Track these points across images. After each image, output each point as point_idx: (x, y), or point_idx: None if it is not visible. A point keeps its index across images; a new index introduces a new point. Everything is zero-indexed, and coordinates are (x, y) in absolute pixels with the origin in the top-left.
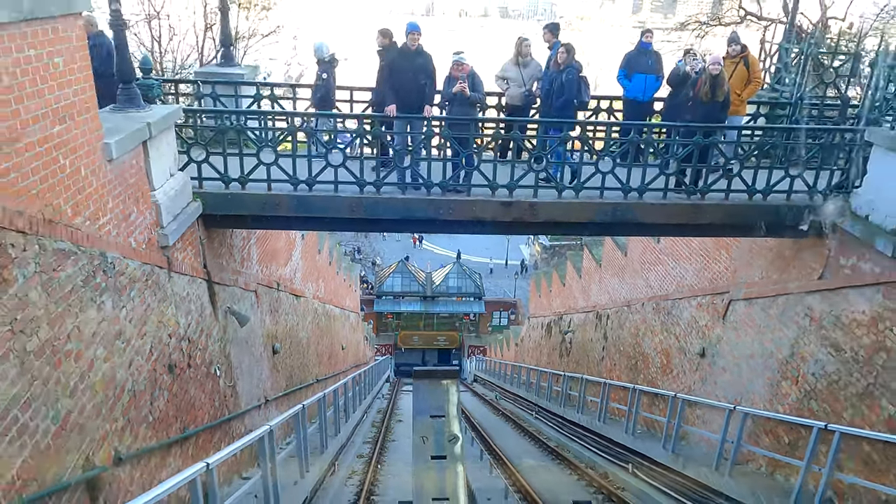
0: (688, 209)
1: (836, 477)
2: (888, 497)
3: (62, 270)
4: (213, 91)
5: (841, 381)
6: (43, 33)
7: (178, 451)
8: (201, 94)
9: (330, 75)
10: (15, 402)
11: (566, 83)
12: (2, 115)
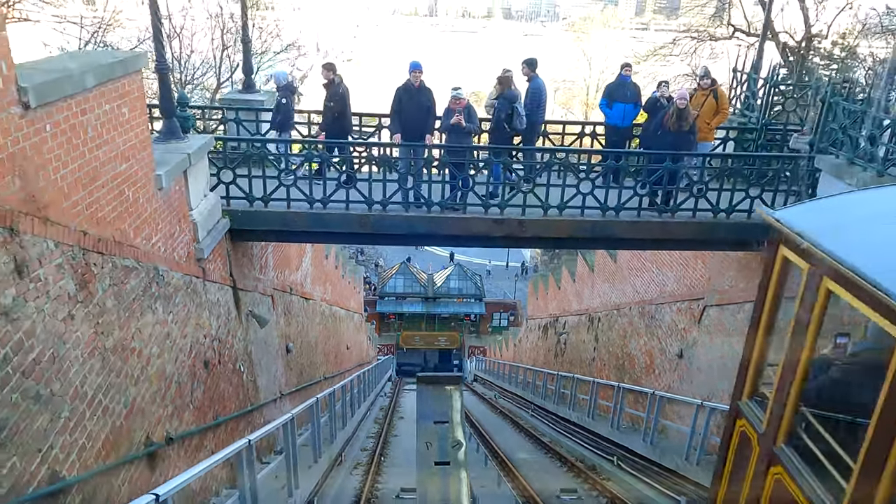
0: (659, 226)
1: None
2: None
3: (127, 283)
4: (236, 116)
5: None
6: (114, 90)
7: (211, 436)
8: (226, 119)
9: (289, 100)
10: (100, 389)
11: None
12: (87, 161)
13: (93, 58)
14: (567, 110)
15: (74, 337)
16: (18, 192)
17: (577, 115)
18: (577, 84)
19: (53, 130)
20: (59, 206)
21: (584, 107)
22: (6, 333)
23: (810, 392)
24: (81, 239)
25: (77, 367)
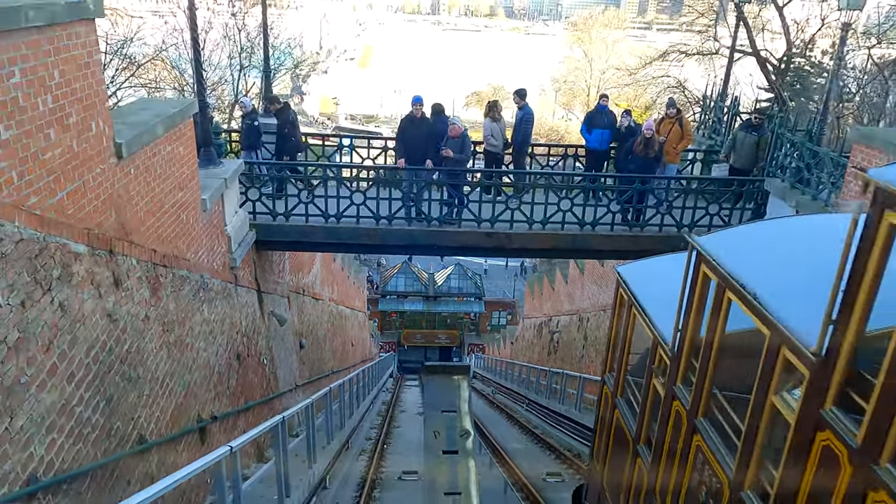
0: (630, 239)
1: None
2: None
3: (183, 289)
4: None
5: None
6: (174, 134)
7: (243, 418)
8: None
9: (256, 123)
10: (167, 375)
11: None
12: (156, 193)
13: (160, 108)
14: (568, 111)
15: (150, 333)
16: (114, 223)
17: (577, 116)
18: (578, 85)
19: (135, 172)
20: (139, 230)
21: (584, 108)
22: (110, 331)
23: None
24: (152, 255)
25: (152, 357)
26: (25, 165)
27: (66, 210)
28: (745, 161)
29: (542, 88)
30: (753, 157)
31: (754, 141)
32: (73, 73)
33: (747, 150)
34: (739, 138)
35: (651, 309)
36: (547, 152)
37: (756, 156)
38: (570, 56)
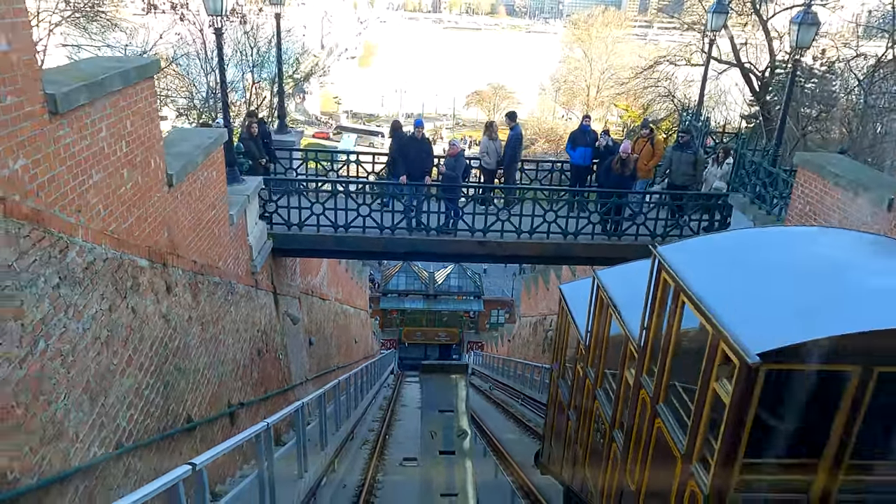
0: (608, 247)
1: None
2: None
3: (216, 293)
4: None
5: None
6: (210, 161)
7: (263, 406)
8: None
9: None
10: (206, 367)
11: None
12: (195, 212)
13: (198, 139)
14: (568, 110)
15: (192, 331)
16: (166, 240)
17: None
18: (578, 84)
19: (181, 197)
20: (183, 245)
21: (584, 108)
22: (165, 330)
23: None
24: (193, 266)
25: (194, 351)
26: (108, 199)
27: (134, 232)
28: (683, 178)
29: (542, 87)
30: (691, 175)
31: (690, 160)
32: (139, 121)
33: (684, 168)
34: (675, 158)
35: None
36: (536, 167)
37: (694, 172)
38: (570, 56)
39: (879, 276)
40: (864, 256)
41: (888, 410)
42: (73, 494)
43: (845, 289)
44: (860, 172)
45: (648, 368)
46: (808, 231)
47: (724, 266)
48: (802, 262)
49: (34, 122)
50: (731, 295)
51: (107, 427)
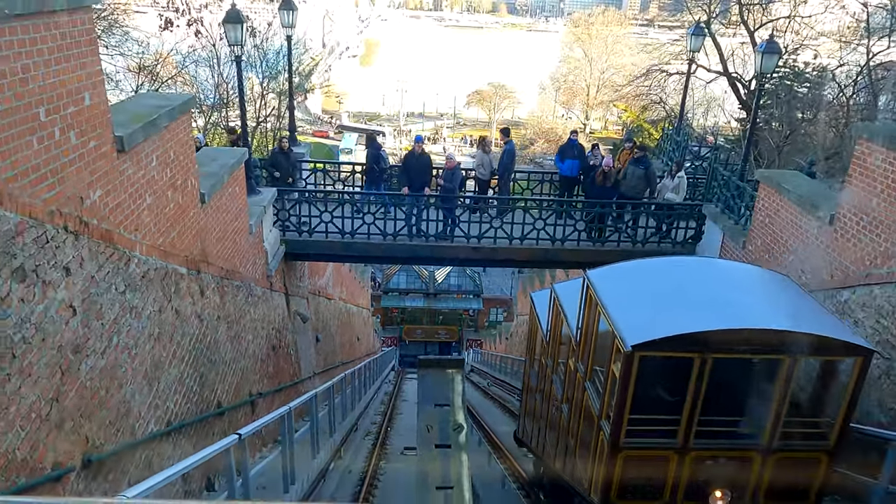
0: (593, 253)
1: None
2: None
3: (238, 295)
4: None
5: None
6: (234, 178)
7: (277, 398)
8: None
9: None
10: (231, 360)
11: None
12: (222, 225)
13: (224, 159)
14: (567, 109)
15: (220, 329)
16: (199, 250)
17: (577, 115)
18: (578, 84)
19: (211, 212)
20: (212, 253)
21: (584, 107)
22: (200, 328)
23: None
24: (220, 271)
25: (222, 347)
26: (157, 218)
27: (175, 245)
28: (633, 190)
29: (542, 87)
30: (641, 187)
31: (641, 174)
32: (180, 149)
33: (635, 181)
34: (630, 171)
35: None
36: (527, 177)
37: (645, 184)
38: (571, 55)
39: (724, 292)
40: (722, 278)
41: (721, 382)
42: (139, 460)
43: (699, 301)
44: (811, 189)
45: (581, 356)
46: (692, 260)
47: (626, 285)
48: (677, 283)
49: (107, 160)
50: (625, 305)
51: (160, 408)
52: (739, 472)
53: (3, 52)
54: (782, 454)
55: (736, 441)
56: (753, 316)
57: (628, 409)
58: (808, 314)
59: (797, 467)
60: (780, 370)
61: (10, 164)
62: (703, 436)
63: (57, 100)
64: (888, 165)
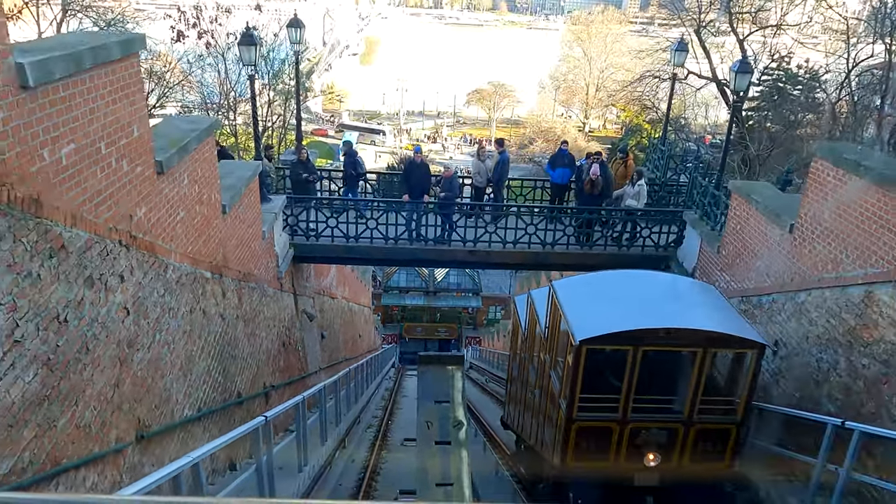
0: (581, 256)
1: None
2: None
3: (253, 296)
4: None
5: None
6: (249, 189)
7: (288, 390)
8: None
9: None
10: (248, 356)
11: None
12: (240, 232)
13: (240, 172)
14: (567, 108)
15: (239, 327)
16: (221, 256)
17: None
18: (578, 83)
19: (231, 221)
20: (232, 258)
21: (583, 106)
22: (223, 326)
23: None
24: (238, 274)
25: (241, 343)
26: (188, 229)
27: (202, 252)
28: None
29: (541, 85)
30: (604, 190)
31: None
32: (206, 167)
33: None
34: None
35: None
36: (520, 184)
37: (605, 189)
38: (570, 54)
39: (657, 299)
40: (658, 288)
41: (651, 369)
42: (178, 440)
43: (635, 306)
44: (776, 199)
45: (547, 350)
46: (637, 273)
47: (580, 293)
48: (621, 291)
49: (150, 182)
50: (578, 308)
51: (192, 396)
52: (667, 439)
53: (76, 99)
54: (700, 425)
55: (664, 415)
56: (675, 317)
57: (579, 390)
58: (720, 316)
59: (712, 436)
60: (696, 360)
61: (81, 191)
62: (638, 411)
63: (113, 134)
64: (838, 182)
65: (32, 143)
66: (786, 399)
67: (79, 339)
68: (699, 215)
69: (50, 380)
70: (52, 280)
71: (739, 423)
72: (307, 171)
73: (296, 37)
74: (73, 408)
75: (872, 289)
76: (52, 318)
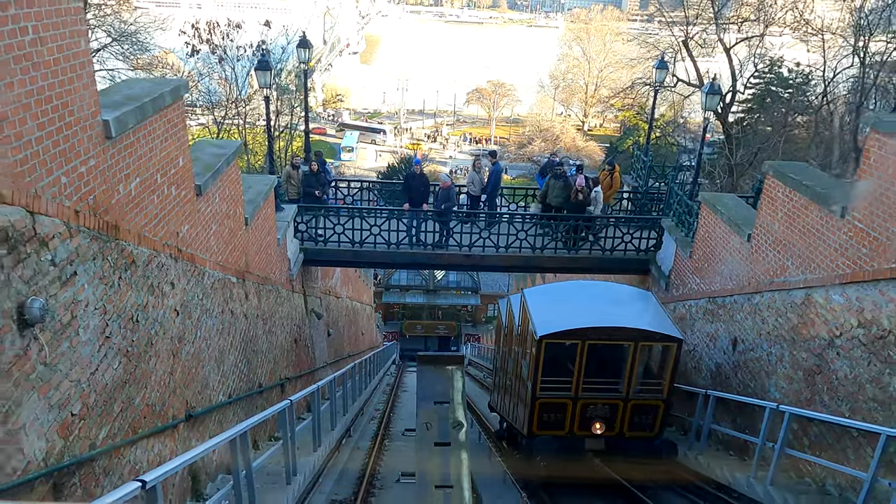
0: (568, 259)
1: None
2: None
3: (270, 297)
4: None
5: None
6: (267, 202)
7: (299, 382)
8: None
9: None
10: (267, 350)
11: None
12: (259, 241)
13: (259, 186)
14: (566, 107)
15: (259, 325)
16: (244, 263)
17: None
18: (577, 82)
19: (252, 231)
20: (252, 264)
21: (582, 105)
22: (246, 324)
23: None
24: (258, 278)
25: (260, 339)
26: (219, 240)
27: (229, 260)
28: (558, 200)
29: (541, 84)
30: (564, 197)
31: (562, 185)
32: (232, 186)
33: (558, 193)
34: (552, 185)
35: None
36: (513, 193)
37: (565, 196)
38: (569, 53)
39: (603, 303)
40: (605, 295)
41: (597, 358)
42: (215, 420)
43: (584, 309)
44: (739, 211)
45: (520, 343)
46: (589, 283)
47: (544, 299)
48: (575, 297)
49: (191, 203)
50: (541, 311)
51: (224, 385)
52: (610, 413)
53: (141, 142)
54: (635, 401)
55: (607, 393)
56: (615, 318)
57: (540, 374)
58: (650, 317)
59: (644, 410)
60: (631, 351)
61: (144, 215)
62: (587, 390)
63: (166, 166)
64: (786, 198)
65: (113, 181)
66: (743, 387)
67: (146, 335)
68: (675, 223)
69: (129, 367)
70: (126, 288)
71: (665, 400)
72: (318, 182)
73: (305, 56)
74: (143, 390)
75: (811, 292)
76: (129, 319)
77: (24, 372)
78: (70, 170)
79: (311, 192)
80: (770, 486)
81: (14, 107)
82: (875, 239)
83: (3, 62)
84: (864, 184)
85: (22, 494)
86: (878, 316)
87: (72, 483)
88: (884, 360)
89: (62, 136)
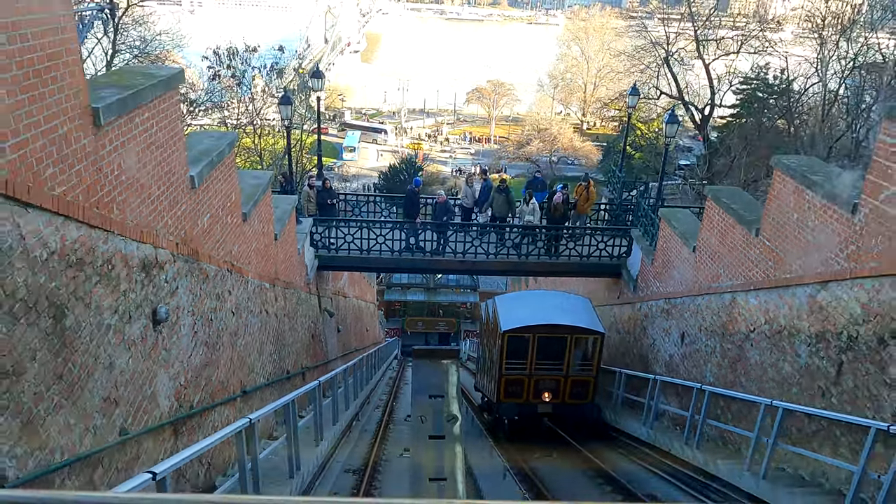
0: (550, 264)
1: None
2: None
3: (293, 299)
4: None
5: (621, 348)
6: (291, 219)
7: (315, 371)
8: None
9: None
10: (291, 343)
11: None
12: (285, 252)
13: (285, 204)
14: (565, 106)
15: (285, 323)
16: (274, 271)
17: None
18: (576, 81)
19: (279, 244)
20: (280, 271)
21: (581, 104)
22: (277, 322)
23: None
24: (283, 284)
25: (287, 334)
26: (257, 255)
27: (264, 269)
28: (500, 211)
29: (540, 84)
30: (505, 209)
31: (504, 198)
32: (266, 210)
33: (500, 204)
34: (494, 197)
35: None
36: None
37: (507, 207)
38: (568, 53)
39: (549, 307)
40: (551, 300)
41: (545, 347)
42: (258, 398)
43: (536, 311)
44: (690, 225)
45: (492, 336)
46: (542, 292)
47: (510, 303)
48: (531, 302)
49: (239, 227)
50: (506, 312)
51: (264, 370)
52: (555, 386)
53: (212, 186)
54: (573, 378)
55: (553, 372)
56: (556, 317)
57: (505, 358)
58: (583, 317)
59: (580, 384)
60: (568, 342)
61: (212, 240)
62: (538, 369)
63: (224, 201)
64: (719, 217)
65: (195, 218)
66: (688, 374)
67: (216, 330)
68: (642, 233)
69: (208, 354)
70: (204, 296)
71: (594, 377)
72: (330, 197)
73: (318, 85)
74: (216, 371)
75: (735, 295)
76: (207, 319)
77: (157, 355)
78: (173, 213)
79: (324, 203)
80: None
81: (153, 181)
82: (777, 254)
83: (164, 159)
84: (773, 206)
85: (159, 431)
86: (777, 315)
87: (182, 429)
88: (780, 349)
89: (170, 191)
